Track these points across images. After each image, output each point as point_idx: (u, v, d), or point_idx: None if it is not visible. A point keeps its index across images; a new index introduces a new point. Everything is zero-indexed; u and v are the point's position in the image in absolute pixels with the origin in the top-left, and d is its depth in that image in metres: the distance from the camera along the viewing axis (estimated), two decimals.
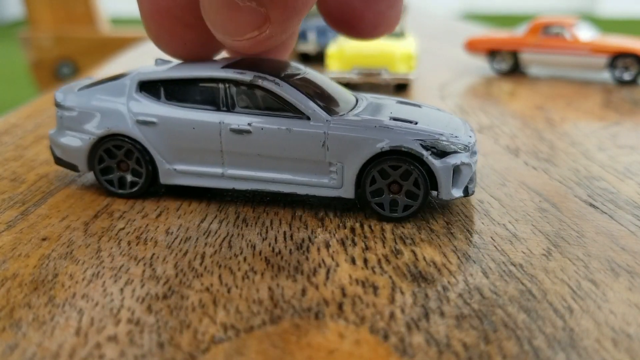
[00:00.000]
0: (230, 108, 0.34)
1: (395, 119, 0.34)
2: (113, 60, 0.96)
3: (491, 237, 0.31)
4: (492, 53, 0.82)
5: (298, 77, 0.35)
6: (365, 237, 0.31)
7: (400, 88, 0.69)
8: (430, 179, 0.33)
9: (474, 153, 0.34)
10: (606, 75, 0.78)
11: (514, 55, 0.81)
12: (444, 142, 0.33)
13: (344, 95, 0.36)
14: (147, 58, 1.08)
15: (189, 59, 0.35)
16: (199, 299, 0.25)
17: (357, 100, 0.37)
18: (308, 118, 0.33)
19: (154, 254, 0.29)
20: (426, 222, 0.33)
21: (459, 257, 0.29)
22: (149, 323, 0.23)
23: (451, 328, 0.23)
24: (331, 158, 0.33)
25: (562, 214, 0.34)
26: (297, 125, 0.33)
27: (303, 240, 0.30)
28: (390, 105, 0.37)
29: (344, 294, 0.25)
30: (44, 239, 0.30)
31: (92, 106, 0.36)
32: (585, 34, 0.79)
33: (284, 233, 0.31)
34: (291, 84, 0.34)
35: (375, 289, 0.26)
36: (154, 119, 0.35)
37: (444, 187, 0.32)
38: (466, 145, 0.33)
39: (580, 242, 0.30)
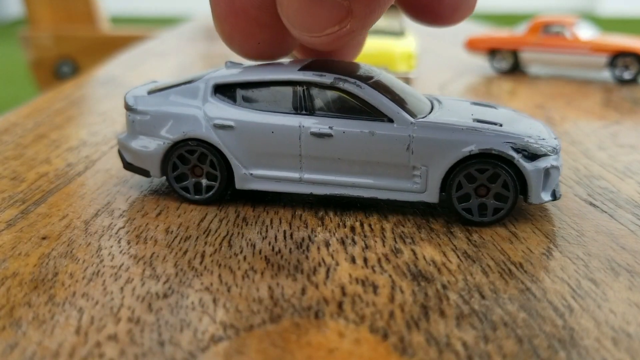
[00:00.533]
0: (309, 111, 0.33)
1: (479, 121, 0.33)
2: (113, 59, 0.96)
3: (491, 236, 0.31)
4: (493, 52, 0.82)
5: (374, 79, 0.34)
6: (365, 236, 0.31)
7: None
8: (519, 183, 0.32)
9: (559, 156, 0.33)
10: (606, 74, 0.78)
11: (514, 54, 0.81)
12: (534, 145, 0.32)
13: (420, 98, 0.36)
14: (148, 57, 1.07)
15: (260, 59, 0.34)
16: (198, 298, 0.25)
17: (432, 102, 0.36)
18: (391, 121, 0.32)
19: (154, 252, 0.29)
20: (426, 221, 0.33)
21: (458, 256, 0.29)
22: (149, 322, 0.23)
23: (451, 327, 0.23)
24: (415, 162, 0.32)
25: (562, 213, 0.34)
26: (380, 129, 0.32)
27: (303, 239, 0.30)
28: (468, 107, 0.36)
29: (343, 293, 0.25)
30: (44, 238, 0.30)
31: (167, 110, 0.35)
32: (586, 33, 0.79)
33: (284, 232, 0.31)
34: (371, 87, 0.33)
35: (375, 288, 0.26)
36: (231, 123, 0.34)
37: (534, 191, 0.32)
38: (554, 148, 0.33)
39: (580, 241, 0.30)
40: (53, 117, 0.56)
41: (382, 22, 0.77)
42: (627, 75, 0.74)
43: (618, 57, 0.75)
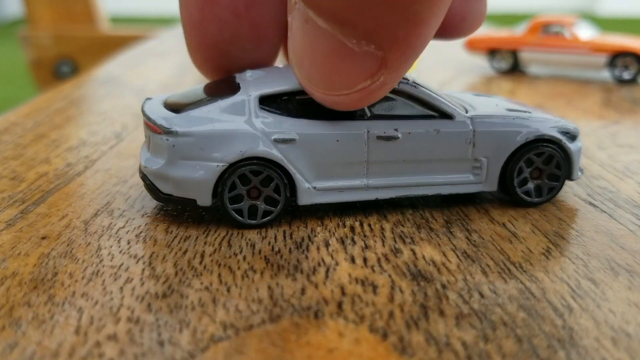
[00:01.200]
0: (369, 115, 0.32)
1: (512, 111, 0.36)
2: (113, 59, 0.96)
3: (490, 236, 0.31)
4: (492, 52, 0.82)
5: (413, 80, 0.34)
6: (364, 236, 0.31)
7: None
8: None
9: None
10: (606, 74, 0.78)
11: (514, 54, 0.81)
12: (570, 127, 0.36)
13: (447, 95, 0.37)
14: (147, 57, 1.07)
15: None
16: (198, 297, 0.25)
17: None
18: (449, 117, 0.33)
19: (153, 252, 0.29)
20: (426, 221, 0.33)
21: (458, 256, 0.29)
22: (148, 322, 0.23)
23: (450, 327, 0.23)
24: (476, 154, 0.34)
25: (562, 213, 0.34)
26: (444, 126, 0.33)
27: (303, 239, 0.30)
28: (485, 99, 0.39)
29: (343, 293, 0.25)
30: (43, 238, 0.30)
31: (214, 129, 0.31)
32: (585, 32, 0.79)
33: (284, 232, 0.31)
34: (422, 86, 0.34)
35: (374, 287, 0.26)
36: (293, 136, 0.31)
37: (575, 168, 0.35)
38: (577, 129, 0.36)
39: (580, 241, 0.30)
40: (52, 117, 0.56)
41: None
42: (626, 75, 0.74)
43: (617, 57, 0.75)
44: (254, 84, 0.32)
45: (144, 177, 0.33)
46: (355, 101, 0.26)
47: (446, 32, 0.32)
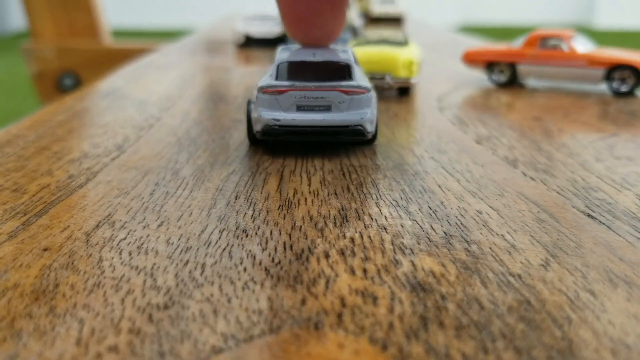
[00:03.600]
0: None
1: None
2: (115, 71, 0.97)
3: (489, 248, 0.31)
4: (490, 65, 0.83)
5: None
6: (364, 247, 0.31)
7: (403, 92, 0.73)
8: None
9: None
10: (603, 87, 0.79)
11: (512, 67, 0.82)
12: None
13: None
14: (149, 70, 1.08)
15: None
16: (199, 309, 0.25)
17: None
18: None
19: (154, 264, 0.29)
20: (425, 232, 0.33)
21: (457, 268, 0.29)
22: (149, 333, 0.23)
23: (450, 338, 0.23)
24: None
25: (560, 225, 0.34)
26: None
27: (303, 251, 0.31)
28: None
29: (343, 304, 0.25)
30: (45, 250, 0.30)
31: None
32: (582, 46, 0.79)
33: (284, 243, 0.31)
34: None
35: (374, 299, 0.26)
36: None
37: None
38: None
39: (578, 253, 0.30)
40: (55, 129, 0.56)
41: (387, 33, 0.83)
42: (623, 88, 0.75)
43: (615, 70, 0.75)
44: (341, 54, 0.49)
45: (354, 129, 0.46)
46: None
47: None
